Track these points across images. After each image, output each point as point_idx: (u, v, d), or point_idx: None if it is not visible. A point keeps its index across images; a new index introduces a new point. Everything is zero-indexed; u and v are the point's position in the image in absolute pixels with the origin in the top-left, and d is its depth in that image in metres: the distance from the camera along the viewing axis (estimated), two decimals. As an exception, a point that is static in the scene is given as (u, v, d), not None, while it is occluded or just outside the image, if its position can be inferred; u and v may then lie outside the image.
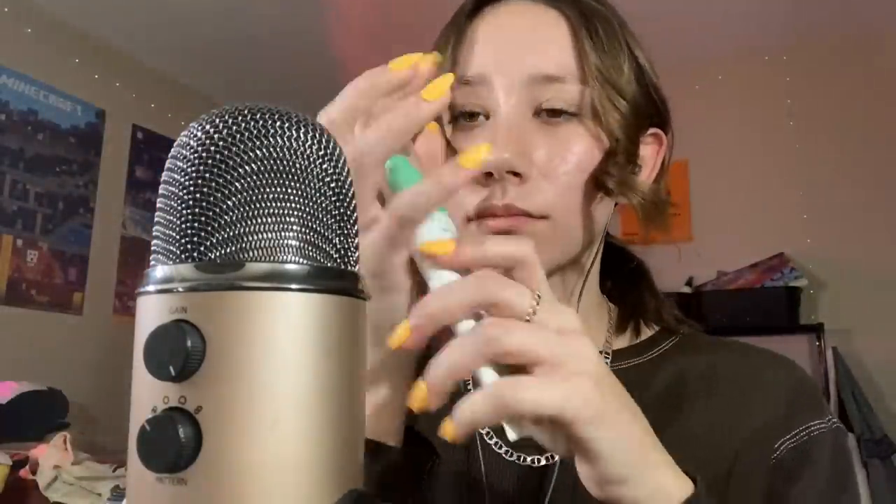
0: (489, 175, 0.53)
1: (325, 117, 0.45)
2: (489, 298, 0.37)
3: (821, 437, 0.54)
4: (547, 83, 0.54)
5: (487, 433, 0.59)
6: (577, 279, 0.60)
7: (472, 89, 0.56)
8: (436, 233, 0.42)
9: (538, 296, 0.38)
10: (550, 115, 0.55)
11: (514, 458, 0.57)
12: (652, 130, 0.61)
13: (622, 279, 0.67)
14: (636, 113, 0.57)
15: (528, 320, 0.37)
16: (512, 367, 0.37)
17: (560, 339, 0.37)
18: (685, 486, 0.39)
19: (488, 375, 0.38)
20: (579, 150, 0.55)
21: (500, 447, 0.58)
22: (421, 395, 0.37)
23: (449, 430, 0.36)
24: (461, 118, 0.57)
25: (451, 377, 0.37)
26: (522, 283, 0.39)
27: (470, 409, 0.36)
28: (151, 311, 0.27)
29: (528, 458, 0.57)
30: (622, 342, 0.63)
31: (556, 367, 0.36)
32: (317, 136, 0.29)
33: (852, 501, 0.53)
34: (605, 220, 0.59)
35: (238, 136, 0.27)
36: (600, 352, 0.59)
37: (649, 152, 0.61)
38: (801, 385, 0.57)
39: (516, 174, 0.53)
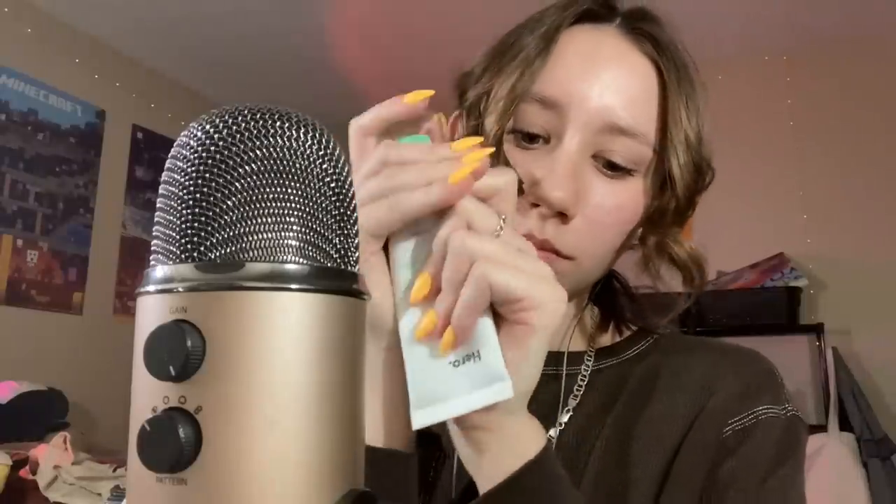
0: (536, 204, 0.53)
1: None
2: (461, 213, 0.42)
3: (767, 421, 0.55)
4: (618, 134, 0.54)
5: None
6: (577, 304, 0.63)
7: (543, 110, 0.55)
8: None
9: (503, 219, 0.43)
10: (608, 166, 0.55)
11: None
12: None
13: (602, 287, 0.68)
14: (699, 179, 0.58)
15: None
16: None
17: (530, 255, 0.42)
18: (541, 435, 0.44)
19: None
20: (628, 206, 0.56)
21: None
22: (428, 322, 0.42)
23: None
24: (522, 135, 0.56)
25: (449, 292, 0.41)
26: (495, 209, 0.44)
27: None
28: (151, 311, 0.27)
29: None
30: (605, 341, 0.64)
31: (526, 271, 0.41)
32: (317, 136, 0.29)
33: (783, 484, 0.52)
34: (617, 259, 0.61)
35: (238, 136, 0.27)
36: (585, 351, 0.62)
37: None
38: (760, 375, 0.58)
39: (562, 214, 0.53)
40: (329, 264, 0.28)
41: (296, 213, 0.27)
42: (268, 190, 0.27)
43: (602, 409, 0.58)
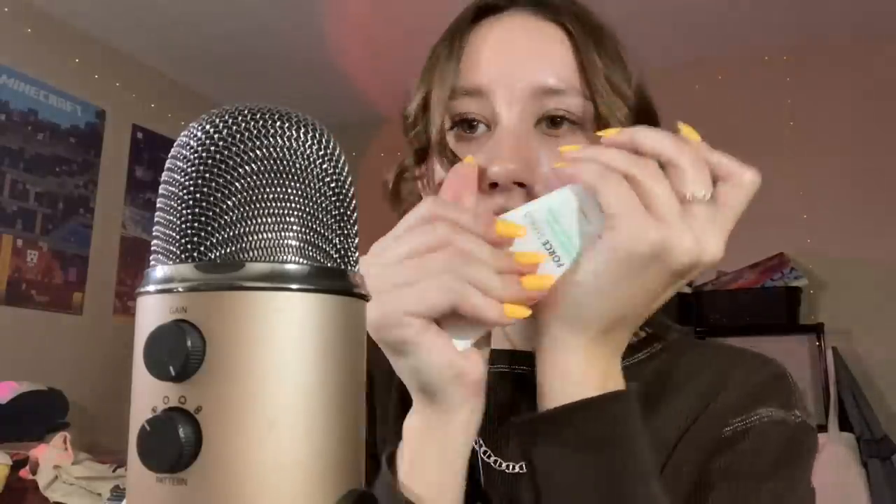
0: (494, 185, 0.53)
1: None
2: (675, 155, 0.44)
3: (771, 424, 0.54)
4: (549, 95, 0.56)
5: (476, 441, 0.58)
6: None
7: (476, 100, 0.57)
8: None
9: (711, 194, 0.44)
10: (551, 124, 0.56)
11: (504, 466, 0.57)
12: None
13: None
14: (636, 122, 0.58)
15: (688, 199, 0.43)
16: None
17: (681, 218, 0.43)
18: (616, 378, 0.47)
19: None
20: None
21: (489, 455, 0.58)
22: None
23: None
24: (461, 126, 0.58)
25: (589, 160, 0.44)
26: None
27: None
28: (151, 311, 0.27)
29: (516, 466, 0.56)
30: None
31: (656, 215, 0.43)
32: (317, 136, 0.29)
33: (781, 490, 0.51)
34: None
35: (238, 136, 0.27)
36: None
37: None
38: (773, 380, 0.58)
39: (522, 185, 0.54)
40: (329, 264, 0.28)
41: (296, 213, 0.27)
42: (268, 190, 0.27)
43: None
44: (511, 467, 0.57)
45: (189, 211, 0.27)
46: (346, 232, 0.29)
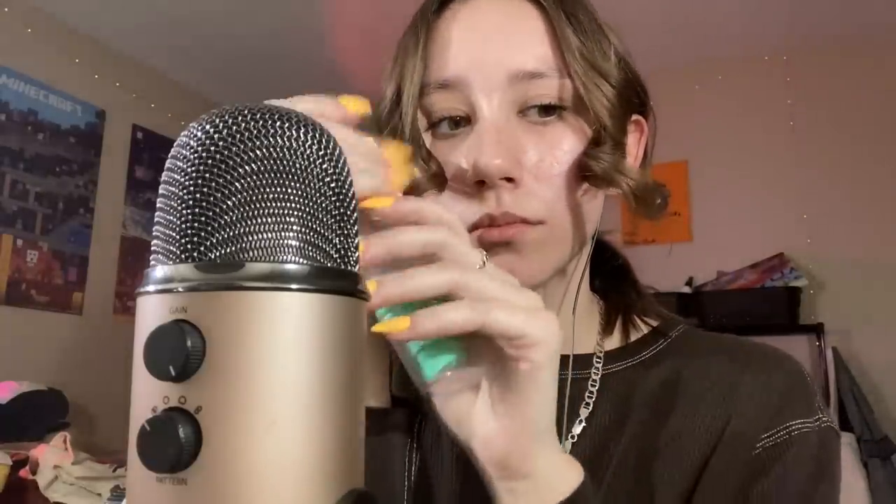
0: (482, 183, 0.51)
1: None
2: (444, 242, 0.39)
3: (801, 437, 0.51)
4: (528, 80, 0.52)
5: None
6: (570, 281, 0.58)
7: (451, 93, 0.53)
8: None
9: (485, 254, 0.41)
10: (539, 113, 0.52)
11: None
12: (634, 117, 0.58)
13: (608, 276, 0.64)
14: (621, 99, 0.54)
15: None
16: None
17: (517, 287, 0.40)
18: (575, 471, 0.41)
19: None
20: (570, 148, 0.52)
21: None
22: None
23: (402, 324, 0.37)
24: (442, 124, 0.54)
25: (410, 292, 0.37)
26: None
27: (445, 312, 0.37)
28: (151, 311, 0.27)
29: None
30: (613, 343, 0.60)
31: (521, 306, 0.38)
32: (317, 136, 0.29)
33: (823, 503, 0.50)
34: (597, 217, 0.57)
35: (238, 136, 0.27)
36: (593, 354, 0.58)
37: (631, 140, 0.59)
38: (793, 385, 0.54)
39: (510, 179, 0.50)
40: (329, 264, 0.28)
41: (296, 213, 0.27)
42: (268, 190, 0.27)
43: (617, 420, 0.54)
44: None
45: (189, 211, 0.27)
46: (346, 232, 0.29)
